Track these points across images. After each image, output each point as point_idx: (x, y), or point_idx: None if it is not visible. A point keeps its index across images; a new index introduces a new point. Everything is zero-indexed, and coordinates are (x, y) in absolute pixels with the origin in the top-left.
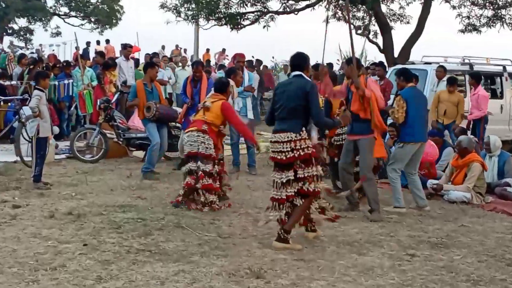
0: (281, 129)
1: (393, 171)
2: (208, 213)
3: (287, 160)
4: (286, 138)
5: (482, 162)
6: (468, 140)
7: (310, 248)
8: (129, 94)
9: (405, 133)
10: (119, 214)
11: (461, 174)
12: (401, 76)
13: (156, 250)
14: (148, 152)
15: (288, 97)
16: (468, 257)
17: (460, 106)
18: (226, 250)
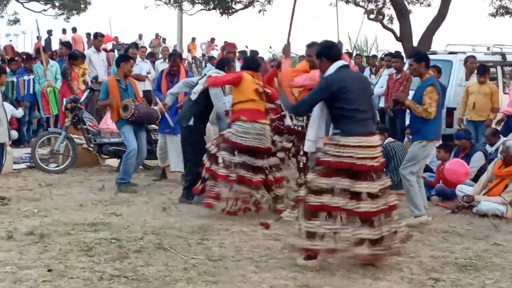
0: (371, 132)
1: (410, 175)
2: (196, 232)
3: (381, 166)
4: (378, 141)
5: None
6: None
7: (316, 272)
8: (100, 92)
9: (429, 130)
10: (90, 234)
11: (501, 185)
12: (422, 61)
13: (134, 276)
14: (123, 161)
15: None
16: (502, 281)
17: (493, 98)
18: (216, 276)
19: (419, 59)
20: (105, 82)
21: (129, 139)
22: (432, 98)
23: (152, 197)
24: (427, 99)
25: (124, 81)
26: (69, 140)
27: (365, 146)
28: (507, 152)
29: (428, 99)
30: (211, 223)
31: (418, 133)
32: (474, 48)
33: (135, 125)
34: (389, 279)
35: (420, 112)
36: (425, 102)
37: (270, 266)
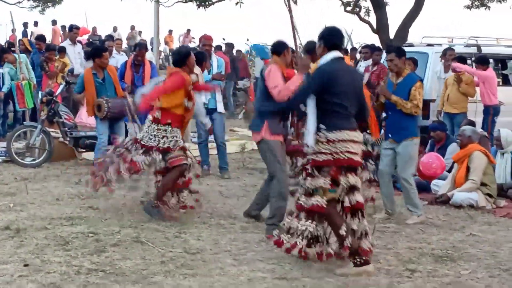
0: (355, 128)
1: (412, 177)
2: (173, 225)
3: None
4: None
5: (484, 151)
6: (472, 129)
7: (294, 264)
8: (76, 85)
9: (415, 125)
10: (67, 228)
11: (462, 168)
12: (402, 56)
13: (111, 269)
14: (95, 152)
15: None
16: (478, 271)
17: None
18: (194, 269)
19: (400, 54)
20: (81, 75)
21: (101, 132)
22: (421, 94)
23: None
24: (417, 94)
25: (101, 74)
26: (45, 133)
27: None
28: (463, 135)
29: (418, 94)
30: (188, 216)
31: (406, 130)
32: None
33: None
34: None
35: (410, 108)
36: (416, 97)
37: (248, 259)
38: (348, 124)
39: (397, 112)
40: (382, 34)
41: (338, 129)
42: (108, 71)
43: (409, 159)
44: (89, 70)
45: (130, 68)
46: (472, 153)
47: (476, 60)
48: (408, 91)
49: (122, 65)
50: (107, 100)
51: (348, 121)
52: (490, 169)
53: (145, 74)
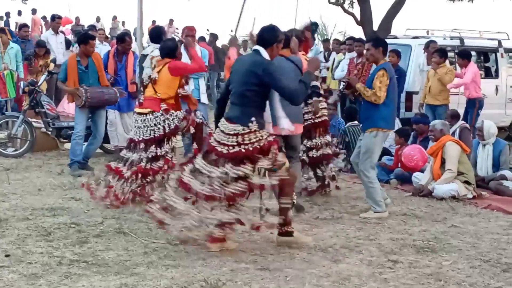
0: (228, 117)
1: (370, 169)
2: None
3: (230, 155)
4: (233, 130)
5: (456, 140)
6: (442, 122)
7: (276, 255)
8: (59, 72)
9: (380, 117)
10: (49, 219)
11: (438, 160)
12: (379, 47)
13: (94, 260)
14: (71, 142)
15: (239, 79)
16: (459, 262)
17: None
18: (177, 260)
19: (377, 44)
20: (65, 62)
21: (78, 122)
22: (383, 82)
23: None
24: (377, 82)
25: (85, 61)
26: (27, 124)
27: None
28: (435, 130)
29: (379, 82)
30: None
31: (368, 120)
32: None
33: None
34: (348, 262)
35: (369, 96)
36: (375, 85)
37: (231, 249)
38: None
39: (364, 101)
40: (366, 26)
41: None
42: (93, 58)
43: (366, 151)
44: (74, 57)
45: (113, 58)
46: (444, 144)
47: (459, 54)
48: (372, 79)
49: (105, 55)
50: (86, 89)
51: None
52: (465, 157)
53: (128, 64)
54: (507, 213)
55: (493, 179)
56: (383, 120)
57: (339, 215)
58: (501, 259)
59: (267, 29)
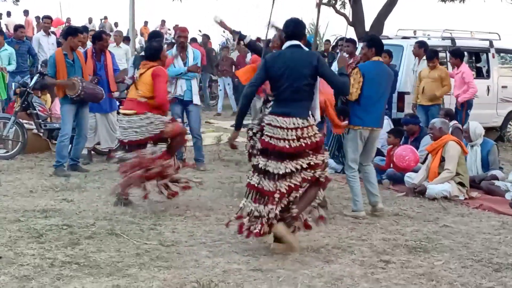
0: (283, 113)
1: (349, 168)
2: (148, 217)
3: (293, 150)
4: (292, 124)
5: (458, 141)
6: (441, 120)
7: (269, 256)
8: (48, 66)
9: (353, 114)
10: (40, 221)
11: (437, 158)
12: (372, 47)
13: (85, 262)
14: (57, 143)
15: (292, 75)
16: (451, 262)
17: (445, 81)
18: (169, 261)
19: (370, 45)
20: (52, 56)
21: (66, 121)
22: (355, 80)
23: (104, 183)
24: (351, 80)
25: (71, 55)
26: (19, 125)
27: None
28: (434, 128)
29: (352, 80)
30: (164, 208)
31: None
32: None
33: (78, 104)
34: (341, 262)
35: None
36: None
37: (223, 250)
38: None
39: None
40: (358, 26)
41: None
42: (77, 54)
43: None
44: (60, 51)
45: (92, 58)
46: (446, 143)
47: (452, 53)
48: None
49: (83, 54)
50: (82, 80)
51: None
52: (463, 159)
53: (107, 63)
54: (499, 213)
55: (484, 179)
56: (356, 117)
57: (331, 216)
58: (492, 259)
59: (297, 22)
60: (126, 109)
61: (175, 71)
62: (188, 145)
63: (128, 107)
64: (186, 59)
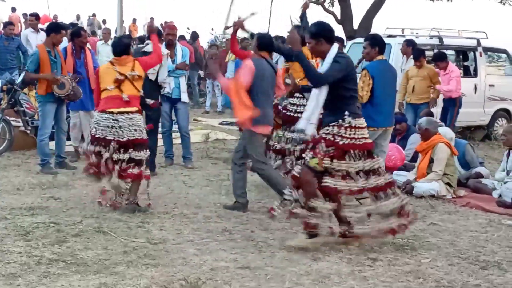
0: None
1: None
2: (135, 215)
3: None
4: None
5: (448, 143)
6: (427, 120)
7: (257, 254)
8: (29, 62)
9: (367, 116)
10: (27, 218)
11: (426, 159)
12: (376, 46)
13: (73, 260)
14: (37, 143)
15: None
16: (438, 260)
17: (434, 80)
18: (157, 259)
19: (373, 44)
20: (36, 52)
21: (47, 122)
22: (365, 82)
23: (91, 181)
24: (360, 83)
25: (53, 52)
26: (6, 123)
27: (366, 126)
28: (420, 127)
29: (361, 82)
30: (151, 206)
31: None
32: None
33: (59, 101)
34: (328, 260)
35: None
36: (358, 85)
37: (211, 248)
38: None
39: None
40: (346, 25)
41: (359, 116)
42: (57, 51)
43: None
44: (43, 47)
45: (72, 55)
46: (436, 145)
47: (434, 57)
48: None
49: (63, 52)
50: (72, 80)
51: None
52: (452, 160)
53: (87, 60)
54: (486, 211)
55: (470, 177)
56: (369, 119)
57: None
58: (479, 257)
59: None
60: (126, 107)
61: None
62: (177, 143)
63: (130, 104)
64: (174, 56)
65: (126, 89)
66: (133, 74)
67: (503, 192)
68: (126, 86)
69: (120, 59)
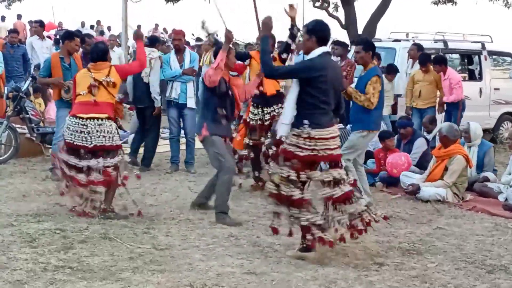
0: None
1: (347, 161)
2: (141, 221)
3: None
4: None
5: (466, 156)
6: (448, 127)
7: (263, 259)
8: (42, 69)
9: (371, 120)
10: (33, 225)
11: (441, 166)
12: (369, 50)
13: (79, 266)
14: (52, 146)
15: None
16: (444, 264)
17: (439, 85)
18: (163, 264)
19: (367, 48)
20: (48, 59)
21: (61, 127)
22: (376, 89)
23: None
24: (370, 89)
25: (68, 59)
26: (11, 130)
27: (332, 137)
28: (440, 133)
29: (372, 89)
30: (157, 212)
31: (360, 122)
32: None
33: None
34: (335, 265)
35: (362, 101)
36: (369, 91)
37: (217, 254)
38: (329, 120)
39: (355, 105)
40: (351, 29)
41: (321, 127)
42: (75, 58)
43: (350, 145)
44: (56, 55)
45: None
46: (454, 155)
47: (435, 61)
48: (365, 84)
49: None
50: None
51: (329, 117)
52: (465, 171)
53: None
54: (492, 215)
55: (476, 181)
56: (374, 123)
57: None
58: (486, 261)
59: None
60: (96, 113)
61: (170, 73)
62: (182, 149)
63: (100, 110)
64: (182, 61)
65: (100, 95)
66: (108, 80)
67: (509, 196)
68: (100, 92)
69: (96, 64)
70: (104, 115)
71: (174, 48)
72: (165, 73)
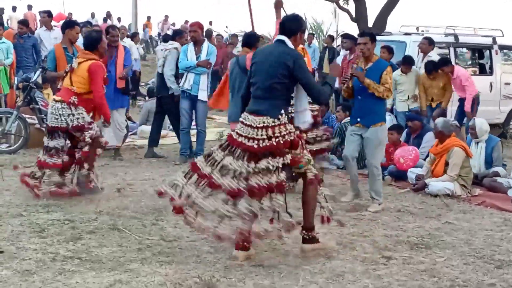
0: (255, 111)
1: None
2: (150, 213)
3: (261, 149)
4: (262, 123)
5: (463, 146)
6: (443, 122)
7: (270, 252)
8: (48, 61)
9: (384, 111)
10: (42, 215)
11: (441, 162)
12: (375, 41)
13: (87, 257)
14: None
15: (266, 72)
16: (453, 259)
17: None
18: (171, 256)
19: (373, 40)
20: (52, 50)
21: None
22: (391, 79)
23: (106, 178)
24: (388, 78)
25: (71, 49)
26: (21, 120)
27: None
28: (435, 129)
29: (389, 78)
30: (166, 203)
31: (376, 115)
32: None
33: None
34: (342, 258)
35: (382, 92)
36: (387, 81)
37: (224, 246)
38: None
39: (367, 97)
40: (361, 23)
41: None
42: (76, 47)
43: (379, 144)
44: (59, 45)
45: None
46: (451, 148)
47: (440, 63)
48: (379, 75)
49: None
50: None
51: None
52: (467, 162)
53: (118, 59)
54: (501, 210)
55: (486, 176)
56: (385, 114)
57: (334, 212)
58: (494, 256)
59: (291, 18)
60: (58, 96)
61: (185, 64)
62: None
63: (60, 94)
64: (199, 53)
65: (65, 79)
66: (74, 66)
67: None
68: (67, 76)
69: (84, 52)
70: (58, 98)
71: (191, 40)
72: (181, 64)
